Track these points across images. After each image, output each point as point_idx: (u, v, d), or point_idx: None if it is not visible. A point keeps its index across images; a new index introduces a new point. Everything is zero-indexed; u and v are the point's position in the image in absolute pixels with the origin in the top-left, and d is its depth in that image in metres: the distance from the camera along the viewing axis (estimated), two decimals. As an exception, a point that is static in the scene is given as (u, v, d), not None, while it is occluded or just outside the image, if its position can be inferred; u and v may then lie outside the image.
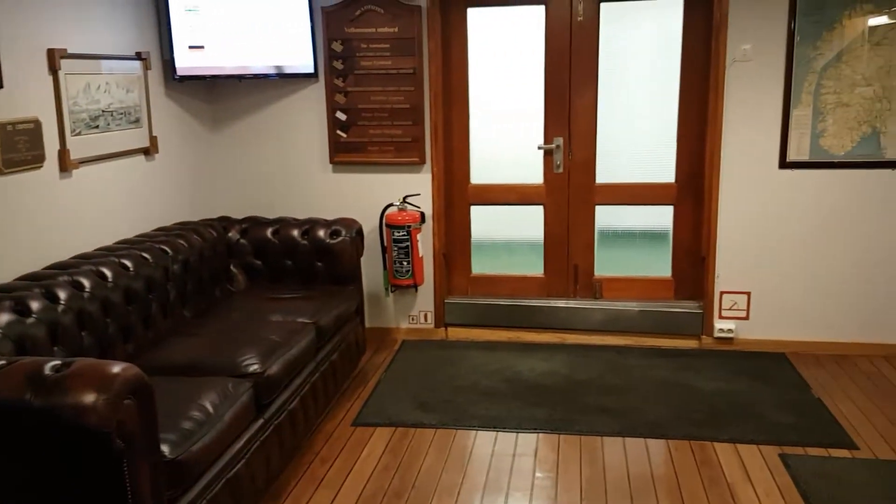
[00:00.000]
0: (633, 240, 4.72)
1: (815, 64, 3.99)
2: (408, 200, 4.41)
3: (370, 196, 4.46)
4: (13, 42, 2.95)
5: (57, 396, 1.94)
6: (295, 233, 4.01)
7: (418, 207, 4.43)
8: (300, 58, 4.23)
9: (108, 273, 3.04)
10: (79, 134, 3.32)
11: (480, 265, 4.76)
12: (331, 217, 4.18)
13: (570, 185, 4.53)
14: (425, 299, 4.61)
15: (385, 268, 4.46)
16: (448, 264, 4.69)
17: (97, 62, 3.48)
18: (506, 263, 4.79)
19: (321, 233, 3.99)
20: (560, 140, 4.47)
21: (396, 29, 4.25)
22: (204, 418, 2.49)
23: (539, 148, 4.51)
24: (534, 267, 4.71)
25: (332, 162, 4.48)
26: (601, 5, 4.29)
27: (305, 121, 4.45)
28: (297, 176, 4.53)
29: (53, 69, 3.16)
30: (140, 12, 3.87)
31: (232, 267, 4.00)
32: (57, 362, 2.04)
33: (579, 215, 4.57)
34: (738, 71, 4.07)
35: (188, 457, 2.32)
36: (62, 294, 2.77)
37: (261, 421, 2.83)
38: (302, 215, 4.22)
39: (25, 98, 3.02)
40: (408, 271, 4.36)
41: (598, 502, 2.87)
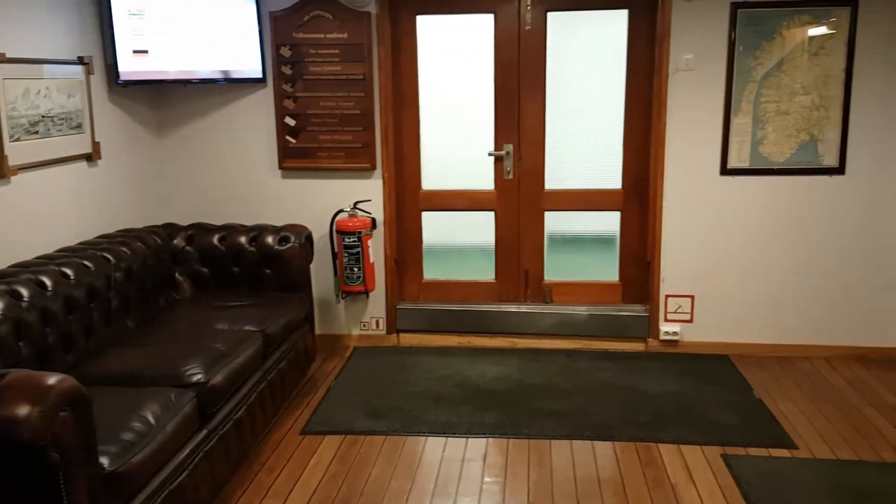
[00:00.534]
0: (582, 245, 4.79)
1: (755, 73, 4.11)
2: (358, 206, 4.40)
3: (320, 202, 4.44)
4: (-54, 45, 2.87)
5: (-11, 409, 1.89)
6: (242, 239, 3.97)
7: (369, 213, 4.42)
8: (248, 63, 4.20)
9: (48, 282, 2.97)
10: (18, 140, 3.24)
11: (432, 271, 4.78)
12: (280, 223, 4.14)
13: (520, 191, 4.58)
14: (377, 305, 4.60)
15: (336, 274, 4.45)
16: (400, 270, 4.70)
17: (37, 66, 3.39)
18: (457, 269, 4.81)
19: (269, 239, 3.96)
20: (510, 147, 4.51)
21: (346, 35, 4.24)
22: (145, 429, 2.46)
23: (489, 154, 4.55)
24: (485, 272, 4.74)
25: (282, 168, 4.44)
26: (548, 14, 4.34)
27: (254, 126, 4.41)
28: (246, 182, 4.48)
29: (-10, 73, 3.09)
30: (82, 16, 3.79)
31: (177, 275, 3.93)
32: (-11, 374, 2.00)
33: (529, 221, 4.61)
34: (681, 80, 4.16)
35: (128, 469, 2.29)
36: (-1, 304, 2.70)
37: (205, 431, 2.79)
38: (250, 222, 4.17)
39: (-41, 103, 2.94)
40: (359, 277, 4.35)
41: (545, 505, 2.90)
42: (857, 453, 3.25)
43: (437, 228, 4.74)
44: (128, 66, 3.99)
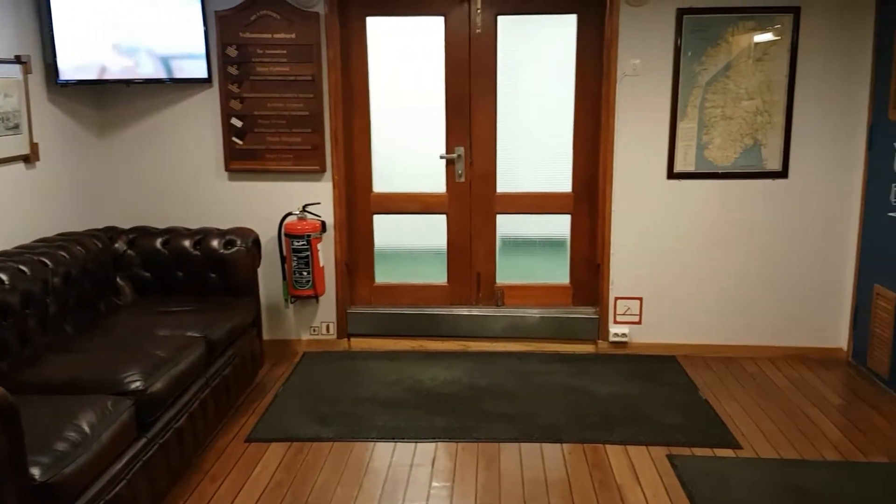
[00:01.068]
0: (534, 248, 4.81)
1: (701, 79, 4.17)
2: (308, 209, 4.35)
3: (269, 205, 4.37)
4: None
5: None
6: (186, 243, 3.89)
7: (319, 216, 4.37)
8: (193, 62, 4.12)
9: (-21, 287, 2.87)
10: (-53, 140, 3.13)
11: (384, 274, 4.74)
12: (226, 227, 4.07)
13: (472, 194, 4.57)
14: (327, 310, 4.55)
15: (284, 278, 4.38)
16: (351, 274, 4.65)
17: (-30, 64, 3.29)
18: (409, 272, 4.79)
19: (215, 243, 3.88)
20: (461, 150, 4.51)
21: (294, 35, 4.19)
22: (80, 439, 2.39)
23: (441, 157, 4.54)
24: (437, 275, 4.72)
25: (228, 170, 4.37)
26: (499, 18, 4.35)
27: (199, 127, 4.32)
28: (191, 184, 4.39)
29: (-82, 71, 2.97)
30: (20, 14, 3.67)
31: (119, 279, 3.83)
32: None
33: (481, 224, 4.61)
34: (629, 85, 4.21)
35: (61, 479, 2.22)
36: (-75, 310, 2.60)
37: (144, 440, 2.72)
38: (195, 225, 4.09)
39: None
40: (308, 281, 4.29)
41: (493, 509, 2.89)
42: (800, 452, 3.31)
43: (389, 231, 4.71)
44: (68, 65, 3.88)
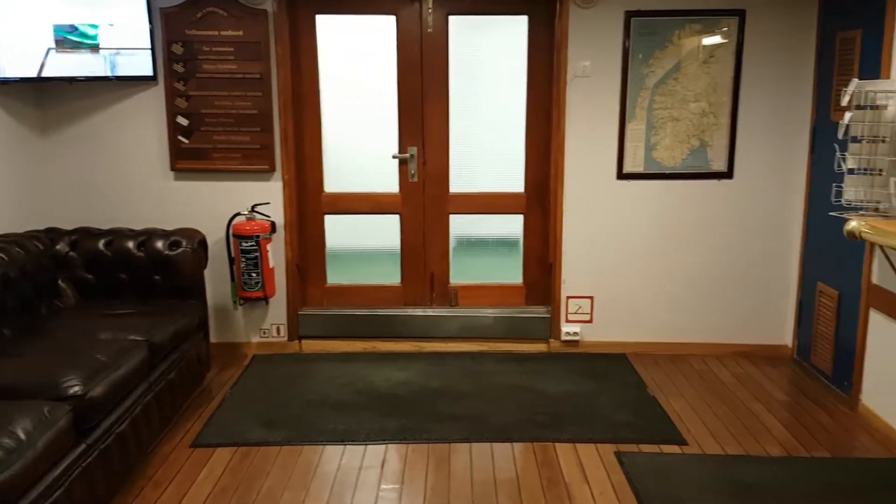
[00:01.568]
0: (487, 248, 4.81)
1: (648, 81, 4.22)
2: (257, 209, 4.29)
3: (216, 205, 4.29)
4: None
5: None
6: (130, 244, 3.80)
7: (268, 217, 4.31)
8: (138, 60, 4.03)
9: None
10: None
11: (336, 275, 4.70)
12: (172, 227, 3.99)
13: (425, 194, 4.56)
14: (277, 312, 4.49)
15: (233, 280, 4.31)
16: (302, 275, 4.60)
17: None
18: (362, 273, 4.75)
19: (159, 244, 3.80)
20: (414, 149, 4.49)
21: (241, 32, 4.12)
22: (14, 445, 2.32)
23: (393, 157, 4.51)
24: (390, 276, 4.70)
25: (174, 169, 4.28)
26: (450, 18, 4.35)
27: (144, 126, 4.23)
28: (136, 184, 4.29)
29: None
30: (-48, 6, 3.56)
31: (60, 281, 3.73)
32: None
33: (435, 224, 4.60)
34: (579, 86, 4.24)
35: (-7, 488, 2.15)
36: None
37: (83, 446, 2.65)
38: (140, 226, 4.00)
39: None
40: (257, 283, 4.23)
41: (441, 510, 2.88)
42: (744, 448, 3.37)
43: (341, 232, 4.67)
44: (8, 63, 3.76)
